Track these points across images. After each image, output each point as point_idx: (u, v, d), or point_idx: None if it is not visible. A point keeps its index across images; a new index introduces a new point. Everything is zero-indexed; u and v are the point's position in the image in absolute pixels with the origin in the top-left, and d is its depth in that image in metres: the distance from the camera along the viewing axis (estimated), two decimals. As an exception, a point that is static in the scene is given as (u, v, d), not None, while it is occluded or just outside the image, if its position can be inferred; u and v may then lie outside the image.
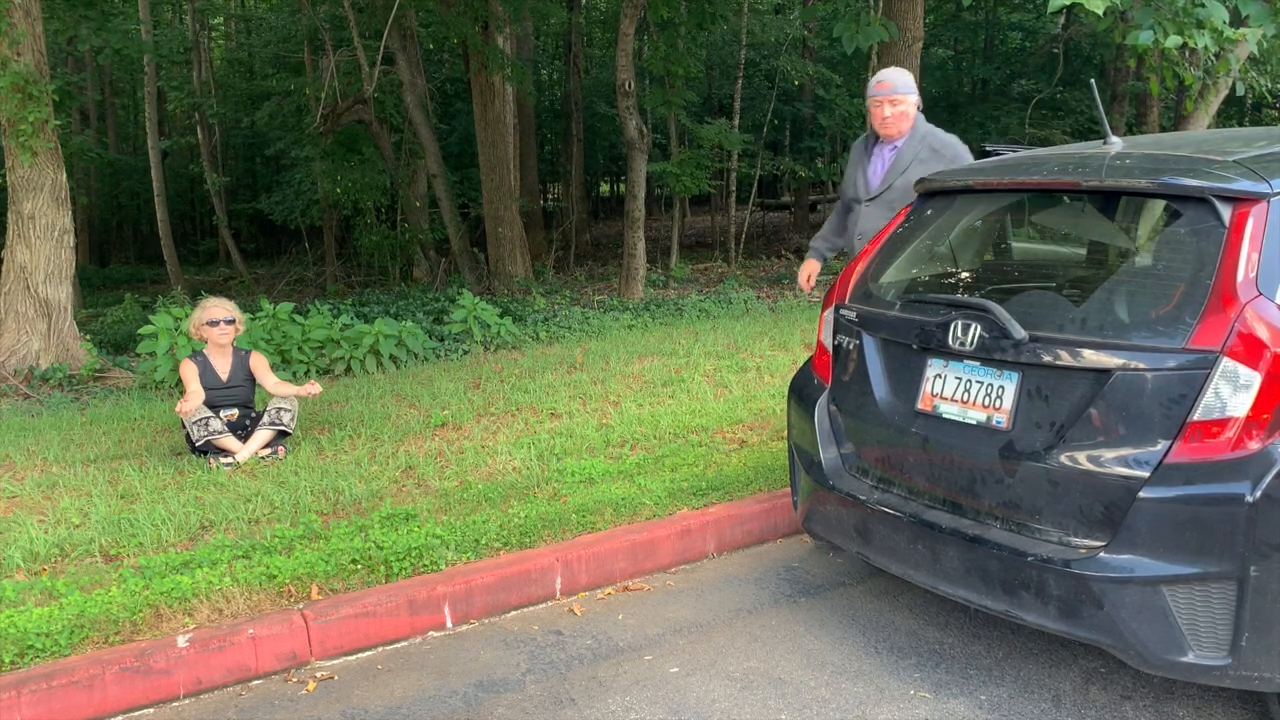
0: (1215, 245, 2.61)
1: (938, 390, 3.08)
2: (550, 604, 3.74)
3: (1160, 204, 2.94)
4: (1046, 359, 2.77)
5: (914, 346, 3.16)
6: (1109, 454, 2.62)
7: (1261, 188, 2.61)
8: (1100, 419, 2.64)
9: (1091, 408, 2.66)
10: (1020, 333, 2.82)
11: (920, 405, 3.12)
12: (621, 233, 13.15)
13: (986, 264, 3.81)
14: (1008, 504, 2.82)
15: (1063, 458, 2.70)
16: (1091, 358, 2.68)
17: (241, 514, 4.22)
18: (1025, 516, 2.78)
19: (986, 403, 2.93)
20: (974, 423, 2.95)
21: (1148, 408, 2.57)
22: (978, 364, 2.97)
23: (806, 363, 3.69)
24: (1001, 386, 2.90)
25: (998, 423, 2.88)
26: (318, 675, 3.25)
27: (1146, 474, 2.53)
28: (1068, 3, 5.63)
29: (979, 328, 2.93)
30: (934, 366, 3.08)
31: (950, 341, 2.99)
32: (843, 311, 3.43)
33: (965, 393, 2.99)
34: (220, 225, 19.50)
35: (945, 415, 3.03)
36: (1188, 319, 2.56)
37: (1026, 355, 2.81)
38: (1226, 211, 2.63)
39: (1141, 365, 2.59)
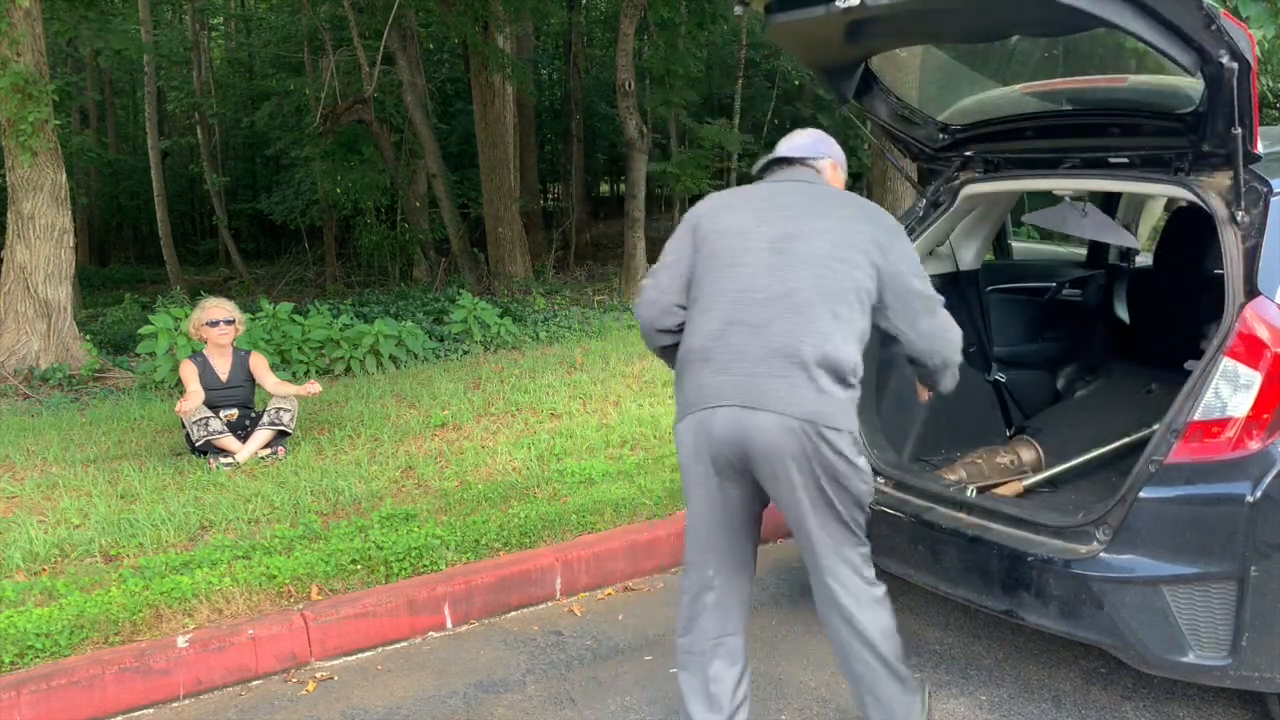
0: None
1: None
2: (550, 604, 3.74)
3: (1161, 203, 2.94)
4: None
5: None
6: (1109, 454, 2.61)
7: (1261, 187, 2.61)
8: (1100, 419, 2.65)
9: (1092, 408, 2.66)
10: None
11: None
12: (621, 233, 13.13)
13: (986, 264, 3.81)
14: None
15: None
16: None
17: (241, 514, 4.22)
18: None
19: None
20: None
21: (1148, 408, 2.57)
22: None
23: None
24: None
25: None
26: (317, 675, 3.25)
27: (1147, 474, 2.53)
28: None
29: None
30: None
31: None
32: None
33: None
34: (220, 225, 19.45)
35: None
36: (1188, 319, 2.56)
37: None
38: (1227, 211, 2.62)
39: (1142, 365, 2.59)
